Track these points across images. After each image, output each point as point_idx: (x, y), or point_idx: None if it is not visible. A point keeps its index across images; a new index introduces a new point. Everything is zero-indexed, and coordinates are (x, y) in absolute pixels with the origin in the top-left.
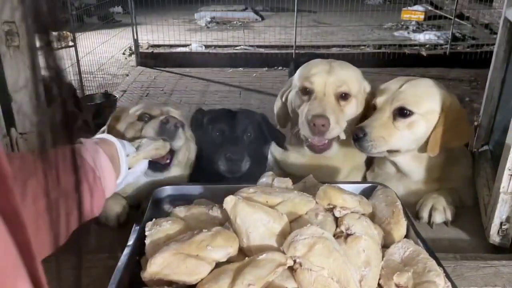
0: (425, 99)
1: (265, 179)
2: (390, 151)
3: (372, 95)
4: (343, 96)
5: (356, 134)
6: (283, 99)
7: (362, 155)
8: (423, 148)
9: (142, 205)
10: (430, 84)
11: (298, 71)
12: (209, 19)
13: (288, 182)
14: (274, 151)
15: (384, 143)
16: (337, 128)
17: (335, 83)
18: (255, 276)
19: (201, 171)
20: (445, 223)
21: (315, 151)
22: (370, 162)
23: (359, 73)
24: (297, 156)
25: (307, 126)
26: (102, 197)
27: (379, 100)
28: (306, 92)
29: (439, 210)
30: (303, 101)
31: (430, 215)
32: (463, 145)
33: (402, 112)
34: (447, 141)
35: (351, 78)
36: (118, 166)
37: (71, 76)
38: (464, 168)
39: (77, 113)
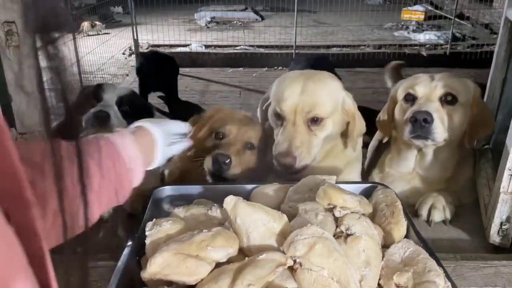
0: (462, 87)
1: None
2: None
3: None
4: (315, 120)
5: (425, 119)
6: (264, 108)
7: (356, 148)
8: (454, 141)
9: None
10: (459, 76)
11: (274, 86)
12: (209, 19)
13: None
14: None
15: (443, 128)
16: (306, 158)
17: (304, 109)
18: (255, 276)
19: None
20: (444, 222)
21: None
22: (373, 162)
23: (336, 87)
24: None
25: (276, 162)
26: (128, 187)
27: (419, 89)
28: (278, 117)
29: (438, 209)
30: (276, 125)
31: (429, 214)
32: (471, 146)
33: (448, 99)
34: (478, 131)
35: (324, 99)
36: (152, 153)
37: (71, 76)
38: (468, 170)
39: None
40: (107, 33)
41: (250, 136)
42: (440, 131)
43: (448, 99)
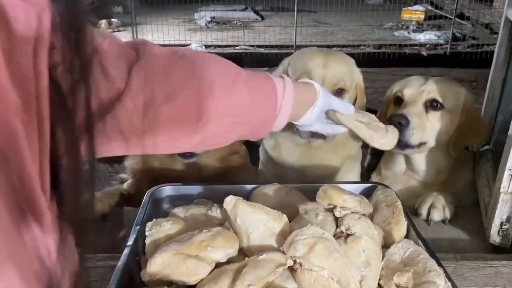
0: (452, 94)
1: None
2: (419, 145)
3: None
4: (339, 92)
5: (399, 122)
6: None
7: (354, 145)
8: (444, 146)
9: None
10: (454, 82)
11: (292, 61)
12: (209, 19)
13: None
14: (265, 145)
15: (421, 133)
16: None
17: (332, 80)
18: (255, 276)
19: None
20: (443, 221)
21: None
22: (374, 162)
23: (352, 63)
24: (289, 151)
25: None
26: (265, 126)
27: (407, 92)
28: None
29: (438, 209)
30: None
31: (428, 213)
32: (455, 153)
33: (433, 105)
34: (465, 140)
35: (346, 73)
36: (305, 110)
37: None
38: (468, 173)
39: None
40: (125, 30)
41: None
42: (415, 135)
43: (434, 105)
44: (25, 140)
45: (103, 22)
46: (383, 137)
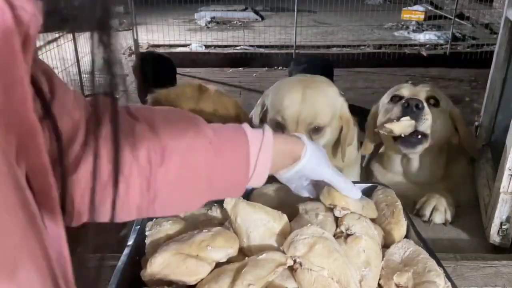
0: (444, 97)
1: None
2: (425, 137)
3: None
4: (316, 130)
5: (417, 105)
6: (260, 115)
7: (352, 151)
8: (438, 144)
9: None
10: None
11: (271, 95)
12: (209, 19)
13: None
14: None
15: (429, 118)
16: None
17: (307, 119)
18: (255, 276)
19: None
20: (444, 223)
21: None
22: (371, 164)
23: (333, 93)
24: None
25: None
26: (241, 184)
27: (406, 91)
28: (279, 125)
29: (440, 211)
30: None
31: (430, 215)
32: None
33: (431, 102)
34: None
35: (325, 107)
36: (286, 165)
37: (71, 76)
38: (462, 167)
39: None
40: (125, 30)
41: (213, 112)
42: (427, 122)
43: (432, 102)
44: (41, 133)
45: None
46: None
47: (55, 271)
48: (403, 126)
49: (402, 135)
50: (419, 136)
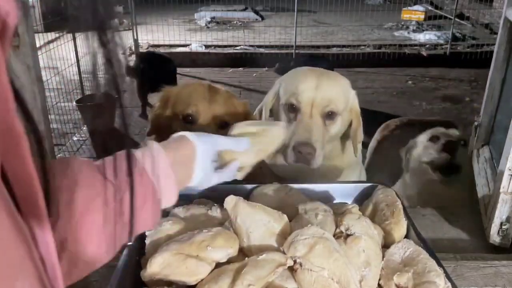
0: (342, 98)
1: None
2: None
3: None
4: (330, 115)
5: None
6: (271, 106)
7: (352, 153)
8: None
9: None
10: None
11: (284, 82)
12: (209, 19)
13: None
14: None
15: (320, 154)
16: (321, 156)
17: (322, 103)
18: (255, 276)
19: None
20: None
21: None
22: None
23: (347, 85)
24: (283, 168)
25: (292, 152)
26: (157, 211)
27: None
28: (292, 109)
29: None
30: (289, 118)
31: None
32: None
33: (328, 114)
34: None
35: (339, 95)
36: (190, 170)
37: (71, 76)
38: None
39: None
40: (125, 30)
41: (225, 113)
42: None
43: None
44: (24, 139)
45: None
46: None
47: (44, 281)
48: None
49: None
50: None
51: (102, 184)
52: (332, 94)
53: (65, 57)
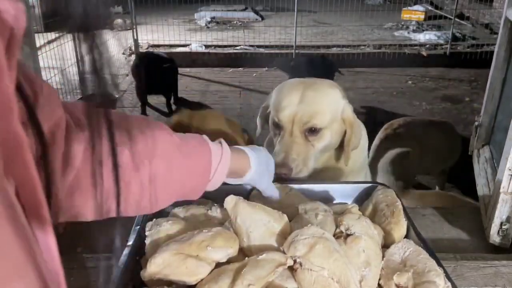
0: (328, 109)
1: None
2: None
3: None
4: (313, 131)
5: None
6: (264, 116)
7: (359, 157)
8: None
9: None
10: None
11: (273, 95)
12: (209, 19)
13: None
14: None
15: (303, 169)
16: (303, 171)
17: (302, 119)
18: (255, 276)
19: None
20: None
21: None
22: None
23: (336, 95)
24: None
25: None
26: (201, 185)
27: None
28: (277, 125)
29: None
30: (275, 134)
31: None
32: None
33: (311, 130)
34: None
35: (323, 109)
36: (242, 169)
37: (71, 76)
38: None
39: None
40: (125, 30)
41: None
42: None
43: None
44: (28, 146)
45: (118, 22)
46: None
47: (47, 285)
48: None
49: None
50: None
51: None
52: (315, 109)
53: (65, 57)
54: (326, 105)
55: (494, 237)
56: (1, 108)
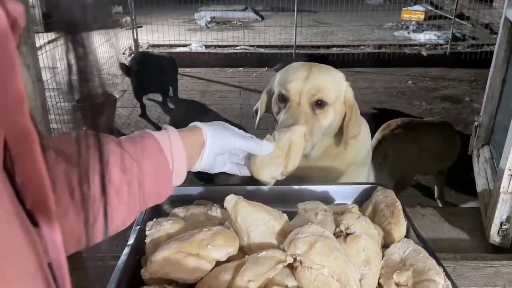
0: (333, 87)
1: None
2: None
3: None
4: (319, 104)
5: None
6: (267, 101)
7: (360, 150)
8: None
9: None
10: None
11: (277, 75)
12: (209, 19)
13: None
14: None
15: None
16: (309, 142)
17: (310, 91)
18: (255, 272)
19: None
20: None
21: None
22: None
23: (339, 76)
24: None
25: None
26: (167, 187)
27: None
28: (283, 99)
29: None
30: (279, 108)
31: None
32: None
33: (318, 103)
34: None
35: (329, 85)
36: (196, 155)
37: (71, 76)
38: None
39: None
40: (125, 30)
41: None
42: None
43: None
44: (37, 141)
45: (127, 20)
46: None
47: (50, 283)
48: None
49: None
50: None
51: (120, 154)
52: (321, 84)
53: (93, 56)
54: (332, 83)
55: (494, 237)
56: (15, 103)
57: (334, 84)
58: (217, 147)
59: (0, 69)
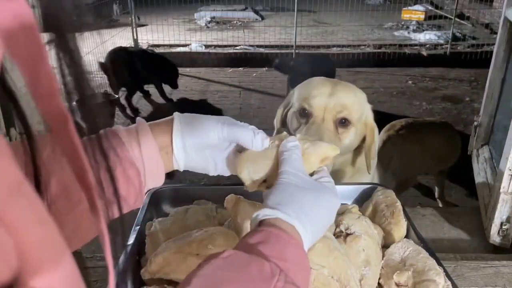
0: (357, 105)
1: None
2: None
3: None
4: (343, 123)
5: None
6: (283, 115)
7: (369, 170)
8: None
9: None
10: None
11: (297, 90)
12: (209, 19)
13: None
14: None
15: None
16: (330, 166)
17: (335, 108)
18: None
19: None
20: None
21: None
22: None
23: (363, 98)
24: None
25: None
26: (139, 191)
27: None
28: (304, 114)
29: None
30: (300, 123)
31: None
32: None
33: (342, 121)
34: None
35: (354, 104)
36: (167, 138)
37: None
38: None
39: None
40: (125, 30)
41: None
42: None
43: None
44: (70, 119)
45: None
46: None
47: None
48: None
49: None
50: None
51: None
52: (347, 102)
53: (82, 59)
54: (357, 102)
55: (494, 237)
56: (48, 87)
57: (359, 104)
58: (190, 129)
59: (32, 58)
